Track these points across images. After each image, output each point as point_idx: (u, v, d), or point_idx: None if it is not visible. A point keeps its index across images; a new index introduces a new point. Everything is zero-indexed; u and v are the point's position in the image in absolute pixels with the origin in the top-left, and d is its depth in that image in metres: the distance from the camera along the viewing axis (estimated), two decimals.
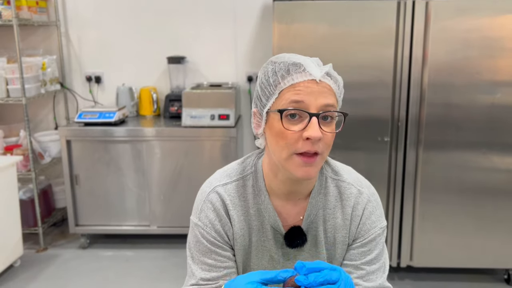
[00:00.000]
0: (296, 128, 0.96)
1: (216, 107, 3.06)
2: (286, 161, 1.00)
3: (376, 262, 1.11)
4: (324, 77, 0.99)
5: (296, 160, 0.98)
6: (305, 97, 0.96)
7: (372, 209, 1.12)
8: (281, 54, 1.05)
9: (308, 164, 0.98)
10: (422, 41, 2.44)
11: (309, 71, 0.98)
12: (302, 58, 1.01)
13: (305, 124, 0.96)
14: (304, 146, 0.96)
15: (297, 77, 0.98)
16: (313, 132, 0.94)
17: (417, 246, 2.68)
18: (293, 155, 0.98)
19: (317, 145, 0.97)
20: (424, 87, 2.48)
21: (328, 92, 0.98)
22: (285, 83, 0.98)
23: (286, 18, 2.47)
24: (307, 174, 0.99)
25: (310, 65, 0.99)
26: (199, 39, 3.48)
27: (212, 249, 1.09)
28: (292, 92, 0.97)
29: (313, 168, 0.99)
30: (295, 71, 0.98)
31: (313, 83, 0.97)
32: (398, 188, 2.63)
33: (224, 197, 1.10)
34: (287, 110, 0.97)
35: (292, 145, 0.97)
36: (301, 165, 0.98)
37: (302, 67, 0.98)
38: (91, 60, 3.58)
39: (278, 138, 0.99)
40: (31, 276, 2.90)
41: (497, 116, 2.50)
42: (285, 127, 0.97)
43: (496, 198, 2.59)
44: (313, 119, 0.95)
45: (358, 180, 1.15)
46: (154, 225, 3.22)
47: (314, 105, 0.96)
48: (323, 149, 0.99)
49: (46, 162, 3.36)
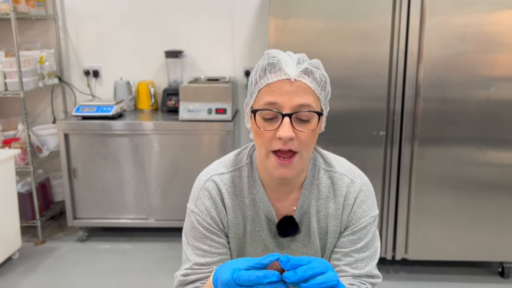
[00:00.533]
0: (271, 128, 1.00)
1: (213, 101, 3.08)
2: (265, 159, 1.04)
3: (366, 250, 1.13)
4: (300, 75, 1.00)
5: (272, 159, 1.02)
6: (279, 98, 0.99)
7: (364, 198, 1.15)
8: (273, 49, 1.07)
9: (284, 165, 1.01)
10: (418, 35, 2.45)
11: (284, 70, 0.99)
12: (282, 55, 1.03)
13: (278, 124, 0.99)
14: (277, 145, 1.00)
15: (271, 77, 1.00)
16: (283, 132, 0.97)
17: (412, 240, 2.70)
18: (270, 153, 1.02)
19: (291, 144, 0.99)
20: (420, 81, 2.49)
21: (303, 91, 1.00)
22: (261, 83, 1.01)
23: (283, 13, 2.48)
24: (283, 175, 1.02)
25: (287, 63, 1.01)
26: (197, 33, 3.49)
27: (207, 235, 1.12)
28: (267, 92, 1.00)
29: (289, 170, 1.02)
30: (270, 71, 1.01)
31: (287, 83, 0.99)
32: (393, 182, 2.65)
33: (220, 186, 1.14)
34: (260, 111, 1.00)
35: (267, 143, 1.01)
36: (277, 166, 1.01)
37: (278, 66, 1.00)
38: (89, 54, 3.59)
39: (257, 136, 1.03)
40: (29, 269, 2.92)
41: (492, 111, 2.51)
42: (259, 126, 1.01)
43: (491, 192, 2.61)
44: (285, 120, 0.98)
45: (351, 170, 1.18)
46: (152, 218, 3.24)
47: (288, 105, 0.99)
48: (300, 148, 1.01)
49: (44, 156, 3.38)
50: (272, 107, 0.99)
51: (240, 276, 0.83)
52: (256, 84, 1.03)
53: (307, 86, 1.00)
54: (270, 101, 0.99)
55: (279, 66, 1.00)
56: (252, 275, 0.82)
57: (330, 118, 2.78)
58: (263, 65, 1.03)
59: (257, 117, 1.01)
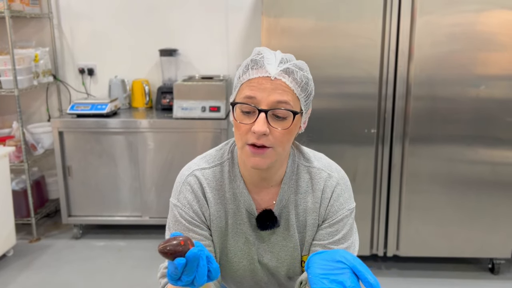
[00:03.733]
0: (248, 121, 1.03)
1: (207, 99, 3.10)
2: (241, 150, 1.07)
3: (343, 242, 1.16)
4: (280, 74, 1.03)
5: (247, 150, 1.05)
6: (257, 93, 1.02)
7: (341, 192, 1.18)
8: (262, 47, 1.10)
9: (257, 154, 1.04)
10: (409, 34, 2.47)
11: (265, 68, 1.03)
12: (268, 54, 1.06)
13: (255, 118, 1.02)
14: (251, 138, 1.03)
15: (253, 73, 1.04)
16: (257, 127, 1.01)
17: (404, 236, 2.73)
18: (245, 145, 1.05)
19: (264, 139, 1.02)
20: (410, 80, 2.52)
21: (282, 89, 1.03)
22: (243, 78, 1.05)
23: (275, 11, 2.50)
24: (256, 164, 1.05)
25: (269, 61, 1.04)
26: (191, 31, 3.51)
27: (190, 228, 1.15)
28: (247, 87, 1.04)
29: (262, 159, 1.04)
30: (252, 67, 1.05)
31: (267, 80, 1.03)
32: (384, 179, 2.68)
33: (202, 180, 1.17)
34: (238, 104, 1.04)
35: (243, 136, 1.04)
36: (250, 155, 1.04)
37: (260, 63, 1.04)
38: (83, 52, 3.60)
39: (235, 129, 1.07)
40: (24, 266, 2.94)
41: (483, 109, 2.54)
42: (237, 119, 1.04)
43: (481, 189, 2.64)
44: (261, 115, 1.01)
45: (329, 165, 1.21)
46: (146, 216, 3.26)
47: (266, 101, 1.02)
48: (274, 143, 1.04)
49: (39, 154, 3.39)
50: (250, 101, 1.03)
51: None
52: (239, 78, 1.08)
53: (286, 85, 1.03)
54: (248, 95, 1.03)
55: (261, 63, 1.04)
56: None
57: (321, 116, 2.82)
58: (247, 61, 1.07)
59: (236, 110, 1.05)
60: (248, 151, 1.04)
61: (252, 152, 1.04)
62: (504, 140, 2.57)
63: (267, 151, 1.04)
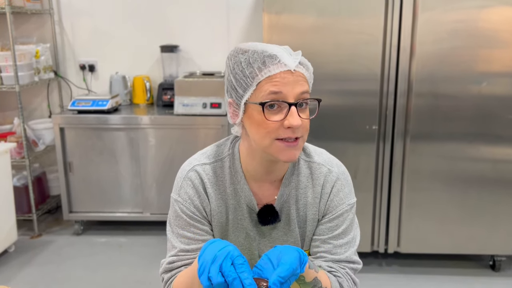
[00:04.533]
0: (277, 118, 1.02)
1: (208, 96, 3.10)
2: (269, 147, 1.05)
3: (343, 237, 1.16)
4: (298, 66, 1.04)
5: (278, 145, 1.04)
6: (283, 88, 1.01)
7: (340, 187, 1.18)
8: (249, 43, 1.09)
9: (292, 147, 1.04)
10: (410, 31, 2.46)
11: (284, 62, 1.02)
12: (275, 48, 1.05)
13: (284, 114, 1.02)
14: (285, 133, 1.03)
15: (273, 69, 1.02)
16: (293, 121, 1.00)
17: (404, 233, 2.73)
18: (275, 140, 1.04)
19: (298, 131, 1.03)
20: (412, 77, 2.51)
21: (302, 80, 1.04)
22: (262, 75, 1.02)
23: (276, 8, 2.49)
24: (292, 157, 1.05)
25: (284, 55, 1.04)
26: (192, 28, 3.50)
27: (191, 223, 1.15)
28: (269, 83, 1.02)
29: (297, 151, 1.06)
30: (271, 62, 1.02)
31: (288, 73, 1.02)
32: (385, 176, 2.68)
33: (203, 176, 1.17)
34: (268, 102, 1.02)
35: (273, 132, 1.03)
36: (284, 149, 1.04)
37: (278, 58, 1.03)
38: (84, 48, 3.60)
39: (259, 128, 1.04)
40: (25, 262, 2.95)
41: (484, 106, 2.54)
42: (267, 117, 1.02)
43: (482, 186, 2.63)
44: (293, 108, 1.01)
45: (329, 160, 1.21)
46: (147, 212, 3.26)
47: (292, 94, 1.02)
48: (303, 133, 1.06)
49: (40, 150, 3.40)
50: (277, 97, 1.02)
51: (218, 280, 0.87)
52: (254, 77, 1.03)
53: (303, 75, 1.05)
54: (274, 90, 1.01)
55: (278, 58, 1.03)
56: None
57: (322, 112, 2.81)
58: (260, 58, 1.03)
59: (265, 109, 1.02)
60: (281, 145, 1.04)
61: (287, 145, 1.04)
62: (505, 138, 2.57)
63: (299, 142, 1.06)
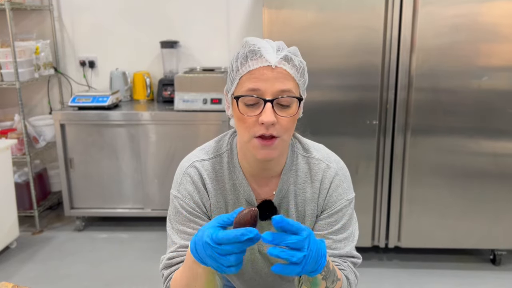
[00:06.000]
0: (253, 113, 1.03)
1: (208, 91, 3.09)
2: (248, 143, 1.06)
3: (343, 232, 1.17)
4: (281, 62, 1.03)
5: (255, 142, 1.04)
6: (261, 84, 1.02)
7: (339, 182, 1.18)
8: (251, 37, 1.09)
9: (266, 146, 1.04)
10: (411, 25, 2.46)
11: (265, 58, 1.02)
12: (262, 43, 1.06)
13: (260, 110, 1.02)
14: (260, 130, 1.02)
15: (253, 64, 1.03)
16: (265, 117, 1.00)
17: (405, 228, 2.73)
18: (253, 138, 1.04)
19: (272, 129, 1.02)
20: (412, 71, 2.51)
21: (284, 77, 1.03)
22: (243, 70, 1.04)
23: (276, 3, 2.49)
24: (266, 156, 1.05)
25: (267, 51, 1.03)
26: (192, 23, 3.49)
27: (190, 218, 1.15)
28: (249, 79, 1.03)
29: (272, 151, 1.05)
30: (251, 58, 1.03)
31: (268, 70, 1.02)
32: (386, 171, 2.68)
33: (202, 172, 1.17)
34: (243, 97, 1.03)
35: (250, 128, 1.03)
36: (259, 147, 1.04)
37: (259, 53, 1.03)
38: (84, 44, 3.60)
39: (239, 122, 1.06)
40: (26, 258, 2.95)
41: (485, 100, 2.53)
42: (242, 112, 1.04)
43: (483, 181, 2.63)
44: (267, 105, 1.01)
45: (328, 156, 1.21)
46: (148, 208, 3.27)
47: (270, 91, 1.02)
48: (281, 132, 1.04)
49: (41, 146, 3.40)
50: (254, 93, 1.02)
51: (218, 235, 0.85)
52: (237, 71, 1.06)
53: (287, 72, 1.03)
54: (252, 87, 1.02)
55: (260, 53, 1.03)
56: (230, 234, 0.84)
57: (323, 107, 2.81)
58: (244, 53, 1.05)
59: (239, 103, 1.04)
60: (256, 144, 1.04)
61: (261, 144, 1.03)
62: (506, 132, 2.56)
63: (276, 141, 1.04)
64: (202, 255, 0.90)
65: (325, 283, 1.02)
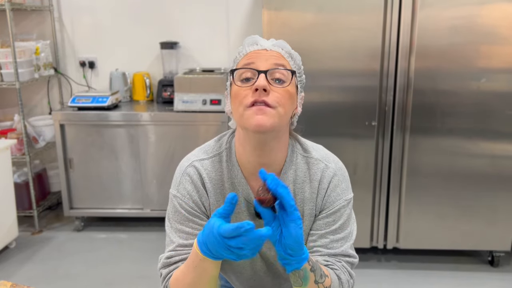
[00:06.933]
0: (248, 85, 1.07)
1: (208, 92, 3.10)
2: (242, 117, 1.06)
3: (340, 232, 1.17)
4: (274, 46, 1.13)
5: (248, 112, 1.05)
6: (255, 59, 1.09)
7: (337, 182, 1.19)
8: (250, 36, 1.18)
9: (260, 112, 1.03)
10: (410, 27, 2.47)
11: (261, 44, 1.13)
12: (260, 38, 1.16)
13: (255, 81, 1.06)
14: (253, 96, 1.04)
15: (249, 48, 1.13)
16: (259, 81, 1.04)
17: (403, 229, 2.74)
18: (246, 108, 1.05)
19: (265, 95, 1.04)
20: (411, 73, 2.52)
21: (278, 56, 1.11)
22: (240, 56, 1.13)
23: (275, 4, 2.50)
24: (260, 122, 1.03)
25: (262, 40, 1.15)
26: (192, 24, 3.50)
27: (189, 218, 1.16)
28: (245, 59, 1.11)
29: (266, 117, 1.03)
30: (248, 44, 1.14)
31: (263, 51, 1.12)
32: (384, 172, 2.68)
33: (201, 171, 1.18)
34: (239, 71, 1.09)
35: (243, 100, 1.06)
36: (253, 113, 1.04)
37: (254, 40, 1.14)
38: (84, 45, 3.60)
39: (235, 99, 1.09)
40: (26, 258, 2.96)
41: (483, 102, 2.54)
42: (238, 85, 1.08)
43: (481, 182, 2.64)
44: (261, 75, 1.06)
45: (326, 156, 1.22)
46: (147, 208, 3.27)
47: (264, 65, 1.08)
48: (275, 103, 1.05)
49: (41, 146, 3.40)
50: (249, 66, 1.09)
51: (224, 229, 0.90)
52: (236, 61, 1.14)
53: (281, 55, 1.12)
54: (247, 62, 1.10)
55: (256, 41, 1.14)
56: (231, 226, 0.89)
57: (322, 108, 2.82)
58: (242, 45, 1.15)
59: (235, 79, 1.10)
60: (250, 112, 1.04)
61: (256, 109, 1.04)
62: (504, 133, 2.57)
63: (269, 109, 1.04)
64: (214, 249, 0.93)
65: (314, 276, 1.03)
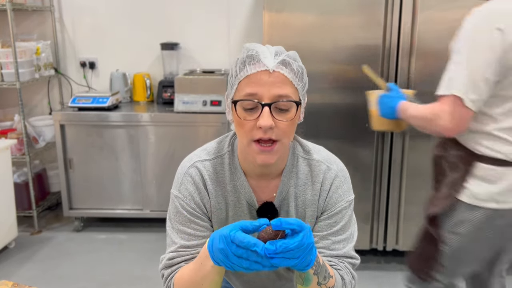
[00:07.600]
0: (252, 118, 1.04)
1: (208, 93, 3.10)
2: (247, 147, 1.07)
3: (342, 233, 1.18)
4: (278, 67, 1.04)
5: (254, 147, 1.06)
6: (258, 89, 1.03)
7: (339, 184, 1.19)
8: (251, 43, 1.10)
9: (266, 152, 1.05)
10: (410, 29, 2.47)
11: (263, 62, 1.03)
12: (261, 48, 1.07)
13: (258, 114, 1.03)
14: (257, 134, 1.04)
15: (250, 69, 1.04)
16: (263, 121, 1.02)
17: (403, 231, 2.74)
18: (252, 142, 1.05)
19: (271, 132, 1.03)
20: (411, 75, 2.52)
21: (282, 82, 1.04)
22: (241, 75, 1.05)
23: (276, 6, 2.50)
24: (265, 161, 1.06)
25: (265, 55, 1.05)
26: (192, 25, 3.51)
27: (191, 219, 1.16)
28: (247, 84, 1.04)
29: (271, 155, 1.06)
30: (249, 63, 1.05)
31: (266, 74, 1.03)
32: (384, 174, 2.68)
33: (203, 172, 1.17)
34: (241, 102, 1.04)
35: (249, 133, 1.05)
36: (259, 152, 1.05)
37: (257, 58, 1.04)
38: (85, 45, 3.60)
39: (239, 127, 1.07)
40: (25, 258, 2.96)
41: None
42: (240, 116, 1.05)
43: None
44: (265, 109, 1.02)
45: (328, 158, 1.22)
46: (147, 209, 3.27)
47: (267, 96, 1.03)
48: (280, 136, 1.05)
49: (41, 147, 3.40)
50: (252, 97, 1.03)
51: (236, 235, 0.89)
52: (236, 76, 1.07)
53: (285, 77, 1.04)
54: (250, 92, 1.03)
55: (258, 58, 1.04)
56: (245, 239, 0.88)
57: (322, 110, 2.81)
58: (242, 58, 1.06)
59: (238, 107, 1.05)
60: (255, 148, 1.05)
61: (260, 149, 1.05)
62: None
63: (275, 146, 1.05)
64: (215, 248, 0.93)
65: (317, 278, 1.03)
